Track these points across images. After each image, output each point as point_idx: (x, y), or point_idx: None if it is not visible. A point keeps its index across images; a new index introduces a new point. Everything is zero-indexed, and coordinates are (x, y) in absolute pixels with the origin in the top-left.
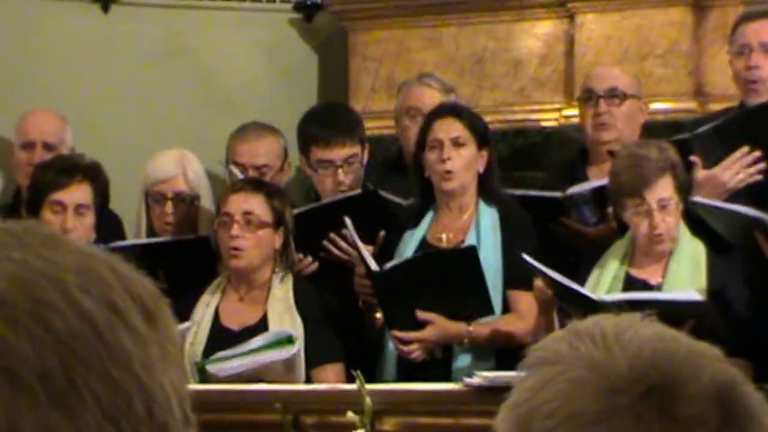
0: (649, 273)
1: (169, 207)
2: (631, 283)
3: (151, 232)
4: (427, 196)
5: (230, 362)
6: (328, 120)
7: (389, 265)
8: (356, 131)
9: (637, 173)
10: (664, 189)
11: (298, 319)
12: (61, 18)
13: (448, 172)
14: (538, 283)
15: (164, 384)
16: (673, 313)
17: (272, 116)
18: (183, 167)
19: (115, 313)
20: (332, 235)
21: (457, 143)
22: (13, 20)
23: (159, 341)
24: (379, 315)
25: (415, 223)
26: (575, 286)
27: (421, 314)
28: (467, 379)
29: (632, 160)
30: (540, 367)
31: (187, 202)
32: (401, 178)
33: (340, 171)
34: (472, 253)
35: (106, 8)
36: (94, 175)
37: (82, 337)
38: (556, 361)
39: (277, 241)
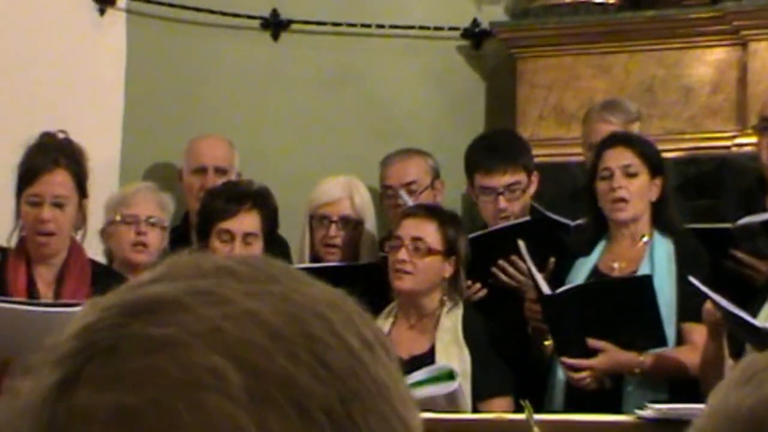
0: None
1: (333, 230)
2: None
3: (313, 254)
4: (600, 224)
5: None
6: (492, 147)
7: (561, 289)
8: (520, 159)
9: None
10: None
11: (466, 351)
12: (233, 46)
13: (620, 200)
14: (708, 306)
15: (415, 418)
16: None
17: (439, 144)
18: (350, 192)
19: (370, 349)
20: (501, 262)
21: (628, 173)
22: (185, 49)
23: (397, 372)
24: (548, 342)
25: (587, 251)
26: (740, 312)
27: (592, 342)
28: (639, 411)
29: None
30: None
31: (351, 226)
32: (580, 206)
33: (501, 198)
34: (647, 282)
35: (276, 36)
36: (262, 202)
37: (353, 373)
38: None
39: (448, 270)
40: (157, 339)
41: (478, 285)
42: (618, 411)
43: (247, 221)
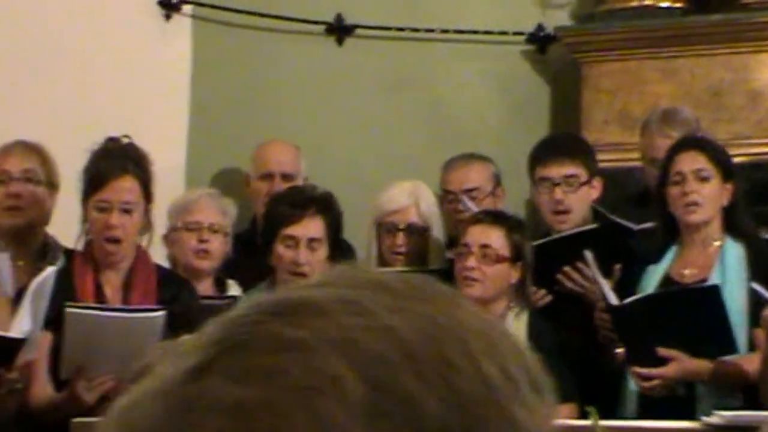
0: None
1: (400, 238)
2: None
3: (381, 261)
4: (670, 230)
5: None
6: (553, 142)
7: (629, 299)
8: (579, 154)
9: None
10: None
11: None
12: (297, 51)
13: (693, 203)
14: (766, 313)
15: None
16: None
17: (503, 148)
18: (416, 198)
19: (510, 382)
20: (567, 268)
21: (700, 177)
22: (250, 54)
23: (546, 417)
24: (619, 350)
25: (657, 257)
26: None
27: (663, 351)
28: (705, 418)
29: None
30: None
31: (418, 234)
32: (645, 212)
33: (557, 189)
34: (715, 292)
35: (340, 41)
36: (326, 207)
37: (482, 402)
38: None
39: (514, 275)
40: (288, 340)
41: (543, 291)
42: (692, 418)
43: (312, 226)
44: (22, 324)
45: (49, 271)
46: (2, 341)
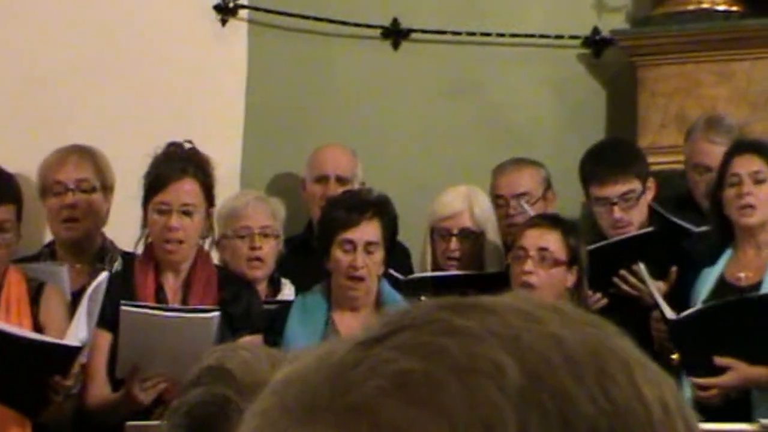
0: None
1: (454, 243)
2: None
3: (435, 266)
4: (725, 233)
5: None
6: (603, 157)
7: (685, 313)
8: (632, 167)
9: None
10: None
11: None
12: (353, 55)
13: (748, 206)
14: None
15: None
16: None
17: (559, 152)
18: (470, 203)
19: (666, 413)
20: (623, 272)
21: (756, 179)
22: (306, 58)
23: None
24: (674, 356)
25: (712, 260)
26: None
27: (720, 360)
28: (763, 420)
29: None
30: None
31: (472, 239)
32: (694, 215)
33: (615, 208)
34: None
35: (396, 45)
36: (383, 210)
37: (636, 419)
38: None
39: (570, 279)
40: (456, 326)
41: (598, 295)
42: (748, 422)
43: (369, 230)
44: (78, 332)
45: (103, 277)
46: (59, 349)
